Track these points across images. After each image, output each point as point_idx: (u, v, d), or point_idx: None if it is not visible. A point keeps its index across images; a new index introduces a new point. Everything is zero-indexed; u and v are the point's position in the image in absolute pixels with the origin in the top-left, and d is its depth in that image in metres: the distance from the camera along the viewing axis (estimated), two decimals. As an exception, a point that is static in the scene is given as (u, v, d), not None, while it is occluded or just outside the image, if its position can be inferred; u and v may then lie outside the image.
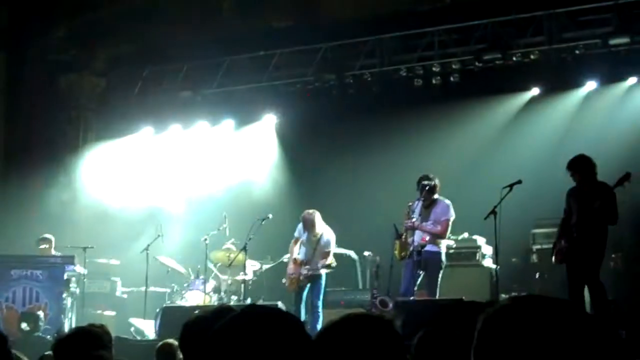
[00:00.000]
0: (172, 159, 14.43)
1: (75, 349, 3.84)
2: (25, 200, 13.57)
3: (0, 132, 14.53)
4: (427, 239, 9.56)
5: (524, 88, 12.44)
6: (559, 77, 11.96)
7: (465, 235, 11.12)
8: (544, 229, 11.04)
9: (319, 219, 10.46)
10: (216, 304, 10.69)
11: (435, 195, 9.74)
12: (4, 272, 11.42)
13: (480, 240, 11.05)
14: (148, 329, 11.16)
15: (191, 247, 12.47)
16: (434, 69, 12.47)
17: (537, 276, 11.10)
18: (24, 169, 14.08)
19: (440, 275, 9.57)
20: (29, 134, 14.53)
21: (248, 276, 11.42)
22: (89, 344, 3.86)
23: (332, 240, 10.53)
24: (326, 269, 10.38)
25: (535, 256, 11.28)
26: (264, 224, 10.92)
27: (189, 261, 12.32)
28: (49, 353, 4.65)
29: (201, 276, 11.59)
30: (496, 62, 11.97)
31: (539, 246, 11.20)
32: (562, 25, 11.77)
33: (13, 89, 14.45)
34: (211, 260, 11.84)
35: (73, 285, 11.69)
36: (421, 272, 9.56)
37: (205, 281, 11.45)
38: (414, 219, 9.57)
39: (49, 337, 10.10)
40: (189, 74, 14.10)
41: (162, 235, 11.72)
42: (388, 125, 12.71)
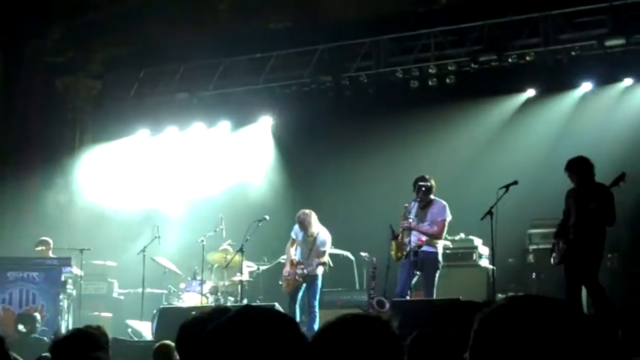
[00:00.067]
0: (169, 161, 14.42)
1: (72, 350, 3.84)
2: (22, 202, 13.55)
3: (-3, 134, 14.51)
4: (424, 240, 9.57)
5: (520, 89, 12.45)
6: (555, 79, 11.98)
7: (462, 235, 11.16)
8: (540, 229, 11.06)
9: (315, 219, 10.47)
10: (213, 305, 10.68)
11: (432, 196, 9.75)
12: (0, 274, 11.40)
13: (477, 240, 11.08)
14: (145, 330, 11.15)
15: (188, 249, 12.46)
16: (430, 70, 12.49)
17: (534, 276, 11.13)
18: (20, 170, 14.05)
19: (437, 275, 9.58)
20: (25, 135, 14.48)
21: (245, 277, 11.42)
22: (86, 346, 3.86)
23: (328, 240, 10.55)
24: (321, 266, 10.40)
25: (531, 256, 11.29)
26: (260, 225, 10.93)
27: (186, 263, 12.32)
28: (46, 355, 4.64)
29: (198, 277, 11.59)
30: (492, 64, 12.00)
31: (535, 246, 11.22)
32: (558, 27, 11.79)
33: (9, 90, 14.40)
34: (208, 261, 11.83)
35: (70, 287, 11.66)
36: (417, 273, 9.57)
37: (202, 282, 11.45)
38: (411, 220, 9.58)
39: (45, 339, 10.09)
40: (185, 76, 14.09)
41: (159, 237, 11.72)
42: (384, 126, 12.73)
